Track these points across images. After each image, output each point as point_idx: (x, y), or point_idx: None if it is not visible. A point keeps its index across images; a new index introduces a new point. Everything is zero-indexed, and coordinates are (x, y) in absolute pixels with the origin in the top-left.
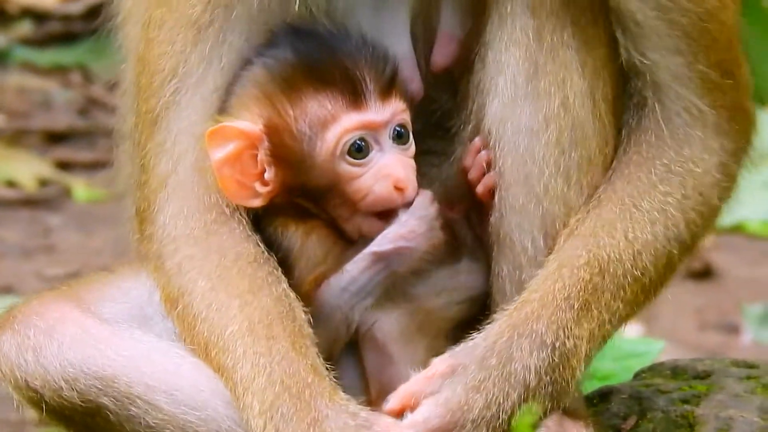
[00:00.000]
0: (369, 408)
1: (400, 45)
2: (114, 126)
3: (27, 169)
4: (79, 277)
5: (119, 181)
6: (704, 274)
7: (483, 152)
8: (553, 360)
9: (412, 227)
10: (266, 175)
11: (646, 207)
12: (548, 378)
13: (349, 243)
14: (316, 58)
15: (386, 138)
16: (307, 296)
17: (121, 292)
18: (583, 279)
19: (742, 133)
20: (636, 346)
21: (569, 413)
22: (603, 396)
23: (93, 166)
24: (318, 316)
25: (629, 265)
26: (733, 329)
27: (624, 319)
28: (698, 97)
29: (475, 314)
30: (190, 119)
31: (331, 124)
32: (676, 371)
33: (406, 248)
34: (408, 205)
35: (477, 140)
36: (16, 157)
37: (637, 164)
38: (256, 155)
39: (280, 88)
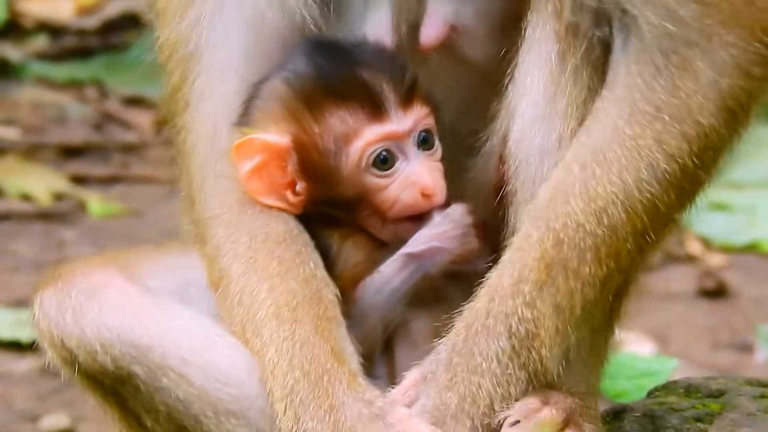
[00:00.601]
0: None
1: (381, 22)
2: (128, 141)
3: (42, 183)
4: None
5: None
6: (718, 293)
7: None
8: (513, 347)
9: (445, 229)
10: (297, 187)
11: (611, 158)
12: (515, 363)
13: (385, 245)
14: (334, 73)
15: (411, 146)
16: (345, 295)
17: (167, 268)
18: (533, 258)
19: (749, 37)
20: (649, 364)
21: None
22: (616, 414)
23: (108, 181)
24: (355, 317)
25: (591, 227)
26: (746, 348)
27: (615, 274)
28: (677, 10)
29: None
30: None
31: (353, 138)
32: (689, 390)
33: (438, 249)
34: (440, 207)
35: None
36: (31, 171)
37: (606, 109)
38: (285, 166)
39: (304, 104)
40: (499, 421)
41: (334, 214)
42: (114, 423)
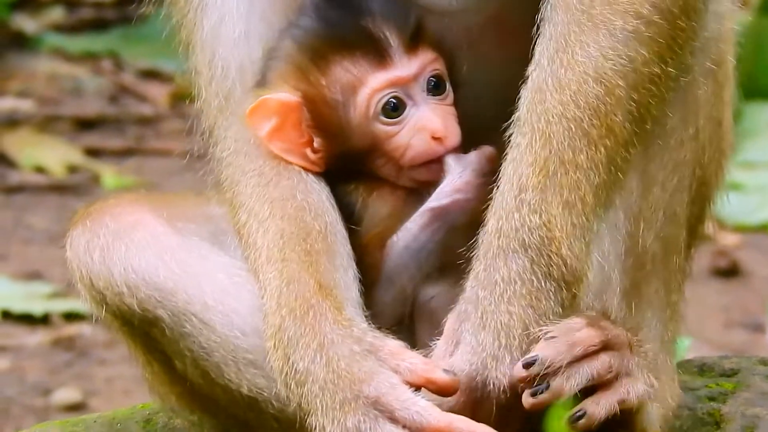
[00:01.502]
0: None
1: None
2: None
3: (56, 155)
4: None
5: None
6: (731, 272)
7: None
8: (532, 260)
9: (468, 179)
10: (315, 144)
11: (573, 38)
12: (538, 275)
13: (410, 199)
14: (337, 23)
15: (419, 91)
16: (372, 256)
17: (198, 214)
18: (527, 164)
19: None
20: None
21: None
22: None
23: (122, 154)
24: (384, 278)
25: (573, 113)
26: (759, 328)
27: (617, 150)
28: None
29: None
30: (213, 41)
31: (359, 87)
32: (703, 369)
33: (463, 201)
34: (456, 151)
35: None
36: (46, 144)
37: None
38: (300, 124)
39: (310, 58)
40: (538, 338)
41: (355, 168)
42: (144, 367)
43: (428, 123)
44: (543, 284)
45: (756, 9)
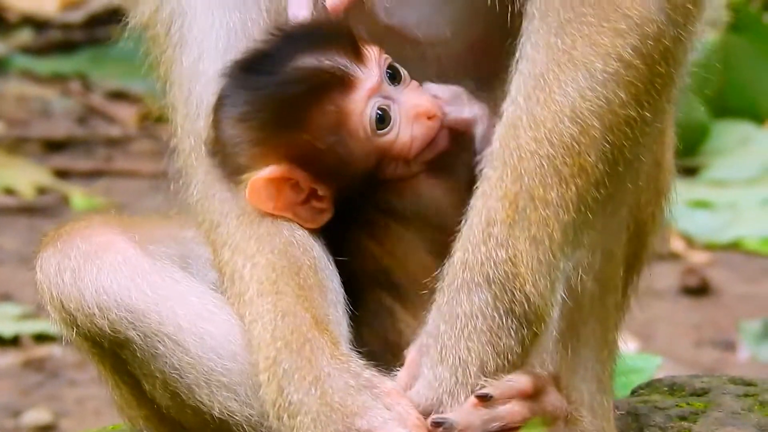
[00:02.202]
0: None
1: None
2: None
3: (25, 176)
4: None
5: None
6: (701, 290)
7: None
8: (495, 295)
9: (486, 116)
10: (319, 192)
11: (551, 77)
12: (500, 311)
13: (442, 171)
14: (289, 80)
15: (389, 89)
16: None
17: (169, 236)
18: (496, 199)
19: None
20: (633, 362)
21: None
22: None
23: (91, 175)
24: None
25: (546, 151)
26: (730, 346)
27: (588, 189)
28: None
29: None
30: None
31: (345, 119)
32: (673, 388)
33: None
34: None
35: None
36: (15, 165)
37: (535, 30)
38: (296, 183)
39: (278, 126)
40: (476, 389)
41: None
42: (112, 389)
43: (416, 108)
44: (504, 321)
45: (725, 27)
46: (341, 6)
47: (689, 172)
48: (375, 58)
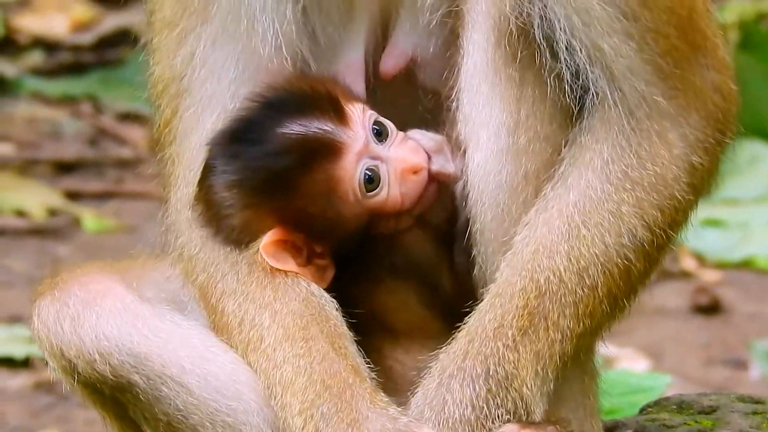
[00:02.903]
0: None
1: (355, 52)
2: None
3: (36, 198)
4: None
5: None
6: (712, 309)
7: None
8: (489, 389)
9: (426, 143)
10: (317, 249)
11: (597, 220)
12: (490, 404)
13: (424, 228)
14: (276, 150)
15: (376, 147)
16: (456, 290)
17: (163, 278)
18: (516, 306)
19: (708, 121)
20: (642, 381)
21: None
22: (608, 430)
23: (102, 197)
24: (476, 294)
25: (573, 285)
26: (740, 365)
27: (590, 331)
28: (651, 86)
29: None
30: (197, 132)
31: (334, 184)
32: (681, 406)
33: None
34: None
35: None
36: (26, 187)
37: (593, 168)
38: (294, 243)
39: (267, 193)
40: None
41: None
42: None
43: (404, 164)
44: (493, 412)
45: (734, 46)
46: (393, 73)
47: None
48: (359, 118)
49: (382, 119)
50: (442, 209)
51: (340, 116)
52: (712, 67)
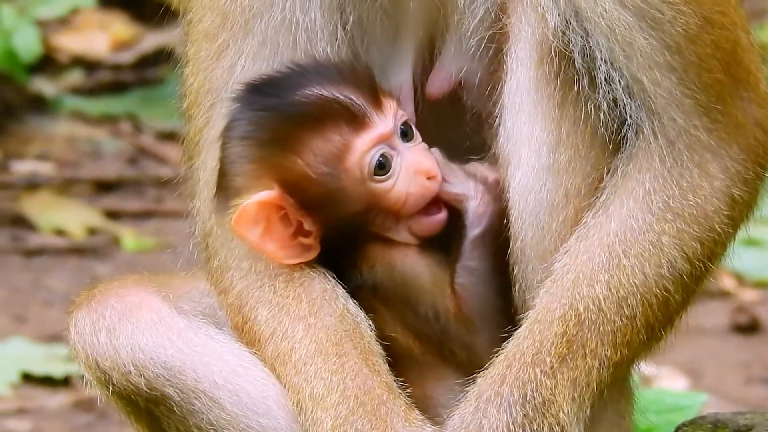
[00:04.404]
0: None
1: (402, 74)
2: (162, 175)
3: (76, 217)
4: None
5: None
6: (751, 328)
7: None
8: (526, 415)
9: (484, 192)
10: (305, 226)
11: (637, 251)
12: (526, 430)
13: (427, 245)
14: (297, 103)
15: (398, 141)
16: (457, 314)
17: (199, 292)
18: (556, 333)
19: (749, 155)
20: (679, 399)
21: None
22: None
23: (141, 216)
24: (479, 325)
25: (612, 314)
26: None
27: (627, 359)
28: (692, 119)
29: None
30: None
31: (346, 153)
32: (717, 425)
33: (494, 212)
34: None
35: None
36: (65, 206)
37: (635, 198)
38: (285, 215)
39: (277, 146)
40: None
41: (348, 240)
42: None
43: (419, 165)
44: None
45: None
46: (438, 95)
47: None
48: (391, 111)
49: (411, 124)
50: (444, 235)
51: (374, 99)
52: (754, 101)
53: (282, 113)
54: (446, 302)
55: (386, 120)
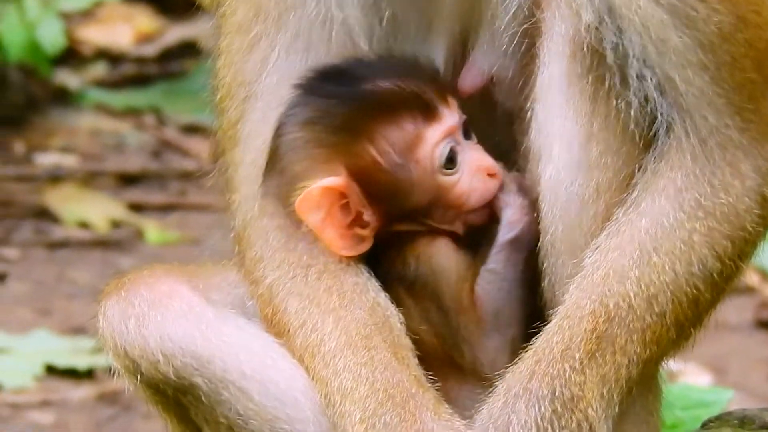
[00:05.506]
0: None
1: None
2: (186, 168)
3: (99, 210)
4: None
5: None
6: None
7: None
8: (555, 410)
9: (522, 201)
10: (365, 217)
11: (668, 248)
12: (554, 426)
13: (460, 245)
14: (370, 91)
15: (461, 137)
16: (467, 311)
17: (228, 283)
18: (585, 329)
19: None
20: (705, 395)
21: None
22: None
23: (165, 209)
24: (490, 329)
25: (642, 311)
26: None
27: (655, 357)
28: (723, 118)
29: None
30: (262, 135)
31: (419, 144)
32: (743, 421)
33: (529, 223)
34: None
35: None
36: (89, 199)
37: (667, 196)
38: (347, 204)
39: (348, 133)
40: None
41: (405, 228)
42: None
43: (482, 163)
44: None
45: None
46: (470, 91)
47: None
48: (456, 107)
49: (468, 125)
50: (477, 234)
51: (441, 93)
52: None
53: (354, 100)
54: (464, 300)
55: (453, 114)
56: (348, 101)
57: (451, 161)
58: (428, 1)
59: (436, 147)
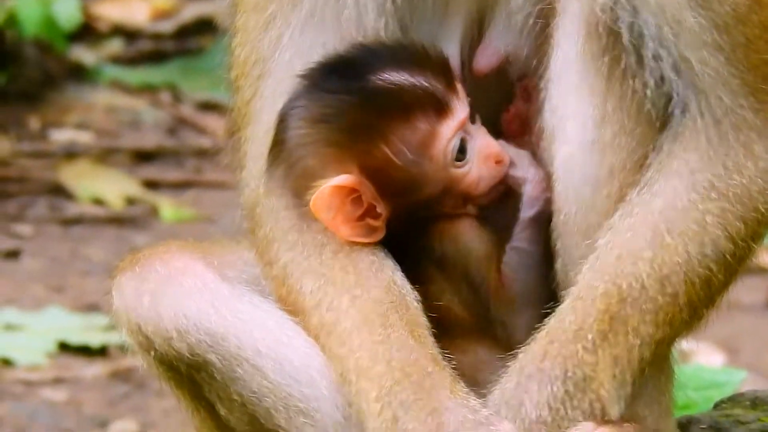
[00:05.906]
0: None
1: (449, 49)
2: (201, 146)
3: (114, 187)
4: None
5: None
6: None
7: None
8: (567, 390)
9: (540, 177)
10: (377, 209)
11: (681, 229)
12: (566, 406)
13: (482, 220)
14: (380, 89)
15: (469, 125)
16: (498, 291)
17: (243, 261)
18: (598, 310)
19: None
20: (717, 376)
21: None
22: (682, 426)
23: (180, 186)
24: (519, 305)
25: (654, 292)
26: None
27: (668, 338)
28: (738, 99)
29: None
30: (275, 112)
31: (433, 141)
32: (755, 402)
33: (548, 198)
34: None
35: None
36: (104, 176)
37: (680, 177)
38: (359, 198)
39: (360, 133)
40: None
41: (415, 219)
42: (186, 412)
43: (490, 149)
44: (568, 413)
45: None
46: (485, 71)
47: None
48: (464, 95)
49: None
50: (500, 213)
51: (450, 85)
52: None
53: (365, 99)
54: (492, 279)
55: (463, 105)
56: (358, 98)
57: (461, 152)
58: None
59: (450, 142)
